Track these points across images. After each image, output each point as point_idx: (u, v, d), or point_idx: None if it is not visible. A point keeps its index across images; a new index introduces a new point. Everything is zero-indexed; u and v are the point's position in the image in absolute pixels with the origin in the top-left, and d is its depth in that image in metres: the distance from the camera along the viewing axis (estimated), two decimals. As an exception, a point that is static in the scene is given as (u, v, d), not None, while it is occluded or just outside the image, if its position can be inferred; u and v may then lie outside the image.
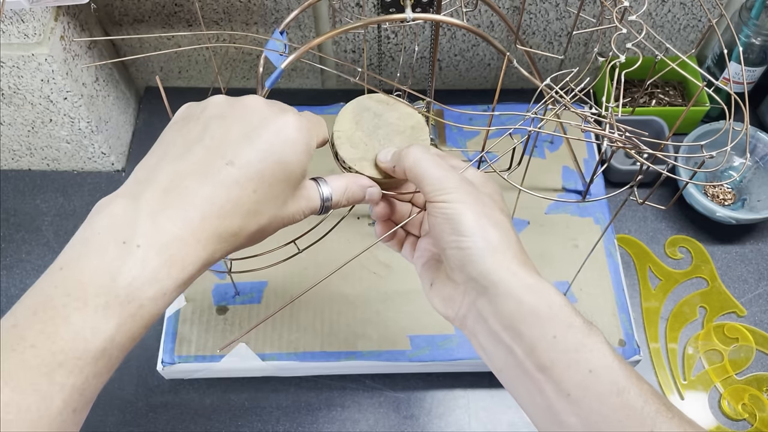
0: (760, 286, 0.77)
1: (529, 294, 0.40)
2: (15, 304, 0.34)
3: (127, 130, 0.88)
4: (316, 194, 0.44)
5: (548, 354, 0.39)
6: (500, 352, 0.41)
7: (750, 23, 0.76)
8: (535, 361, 0.39)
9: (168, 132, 0.41)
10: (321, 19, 0.82)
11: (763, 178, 0.80)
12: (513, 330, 0.40)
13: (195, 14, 0.81)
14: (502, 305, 0.41)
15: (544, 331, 0.39)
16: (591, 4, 0.79)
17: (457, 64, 0.89)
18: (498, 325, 0.41)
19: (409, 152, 0.45)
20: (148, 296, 0.34)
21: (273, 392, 0.70)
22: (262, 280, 0.70)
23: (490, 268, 0.41)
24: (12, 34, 0.66)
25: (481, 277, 0.41)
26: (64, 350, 0.32)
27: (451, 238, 0.42)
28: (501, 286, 0.41)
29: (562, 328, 0.39)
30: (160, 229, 0.35)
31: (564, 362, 0.38)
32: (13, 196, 0.84)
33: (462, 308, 0.44)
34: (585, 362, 0.38)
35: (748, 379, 0.71)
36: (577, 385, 0.38)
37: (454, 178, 0.43)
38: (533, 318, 0.40)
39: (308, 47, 0.46)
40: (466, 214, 0.42)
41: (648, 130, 0.82)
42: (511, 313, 0.40)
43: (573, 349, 0.39)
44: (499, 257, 0.41)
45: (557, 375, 0.38)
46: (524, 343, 0.40)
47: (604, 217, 0.76)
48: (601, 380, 0.38)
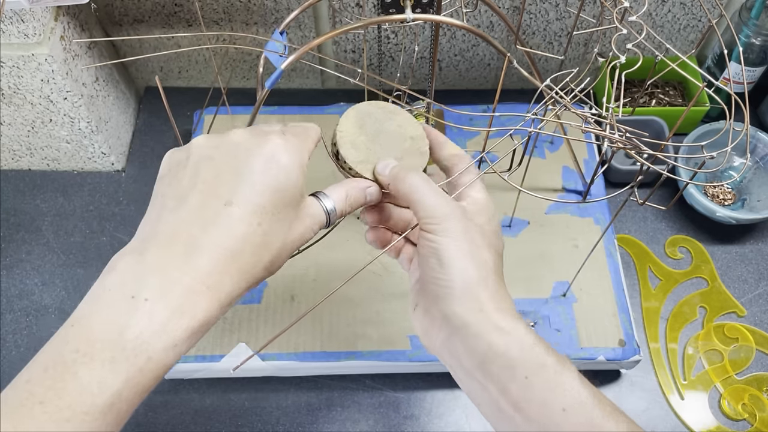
0: (760, 286, 0.77)
1: (500, 336, 0.40)
2: (31, 361, 0.34)
3: (127, 130, 0.88)
4: (320, 209, 0.44)
5: (521, 394, 0.39)
6: (475, 389, 0.42)
7: (750, 23, 0.76)
8: (509, 400, 0.40)
9: (159, 185, 0.41)
10: (321, 19, 0.82)
11: (763, 178, 0.80)
12: (484, 370, 0.41)
13: (195, 14, 0.81)
14: (473, 346, 0.41)
15: (515, 372, 0.40)
16: (591, 4, 0.79)
17: (457, 64, 0.89)
18: (470, 364, 0.41)
19: (405, 176, 0.45)
20: (156, 348, 0.34)
21: (273, 392, 0.70)
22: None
23: (462, 309, 0.42)
24: (12, 34, 0.66)
25: (453, 317, 0.42)
26: (71, 405, 0.32)
27: (433, 272, 0.43)
28: (472, 328, 0.41)
29: (533, 369, 0.40)
30: (168, 281, 0.35)
31: (537, 402, 0.39)
32: (13, 196, 0.83)
33: (437, 342, 0.44)
34: (558, 402, 0.39)
35: (748, 379, 0.71)
36: (552, 423, 0.39)
37: (446, 208, 0.43)
38: (504, 360, 0.40)
39: (308, 48, 0.46)
40: (450, 251, 0.42)
41: (648, 131, 0.82)
42: (482, 354, 0.41)
43: (546, 389, 0.39)
44: (473, 298, 0.42)
45: (532, 414, 0.39)
46: (498, 383, 0.40)
47: (604, 217, 0.76)
48: (575, 418, 0.39)
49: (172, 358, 0.35)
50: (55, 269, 0.78)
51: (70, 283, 0.77)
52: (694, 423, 0.69)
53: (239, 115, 0.80)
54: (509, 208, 0.73)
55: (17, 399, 0.32)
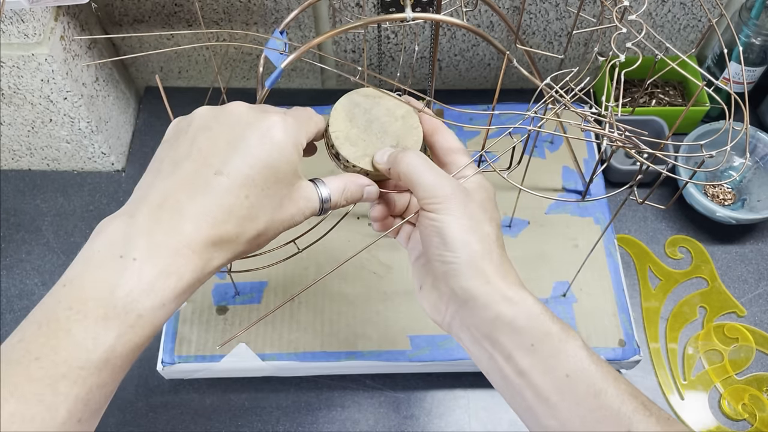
0: (760, 286, 0.77)
1: (507, 306, 0.42)
2: (22, 321, 0.35)
3: (127, 130, 0.88)
4: (315, 195, 0.45)
5: (526, 361, 0.41)
6: (484, 358, 0.43)
7: (750, 23, 0.76)
8: (514, 367, 0.41)
9: (160, 150, 0.43)
10: (321, 18, 0.82)
11: (763, 178, 0.80)
12: (492, 339, 0.42)
13: (195, 14, 0.81)
14: (481, 317, 0.42)
15: (521, 339, 0.41)
16: (591, 4, 0.79)
17: (457, 64, 0.89)
18: (479, 334, 0.43)
19: (403, 157, 0.46)
20: (145, 306, 0.35)
21: (273, 392, 0.70)
22: (262, 280, 0.70)
23: (470, 284, 0.42)
24: (12, 34, 0.66)
25: (461, 291, 0.43)
26: (66, 361, 0.33)
27: (437, 251, 0.43)
28: (480, 300, 0.42)
29: (539, 337, 0.41)
30: (155, 243, 0.36)
31: (541, 368, 0.40)
32: (13, 196, 0.84)
33: (447, 316, 0.46)
34: (562, 368, 0.40)
35: (748, 379, 0.71)
36: (555, 389, 0.40)
37: (446, 186, 0.44)
38: (510, 328, 0.41)
39: (308, 47, 0.46)
40: (452, 228, 0.43)
41: (648, 130, 0.82)
42: (490, 323, 0.42)
43: (550, 356, 0.40)
44: (479, 271, 0.42)
45: (535, 380, 0.40)
46: (503, 350, 0.42)
47: (604, 217, 0.76)
48: (578, 384, 0.40)
49: (161, 317, 0.36)
50: (55, 269, 0.78)
51: (70, 283, 0.77)
52: (694, 423, 0.69)
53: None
54: (509, 208, 0.73)
55: (13, 356, 0.33)
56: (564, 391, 0.40)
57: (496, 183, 0.49)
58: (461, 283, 0.43)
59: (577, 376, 0.40)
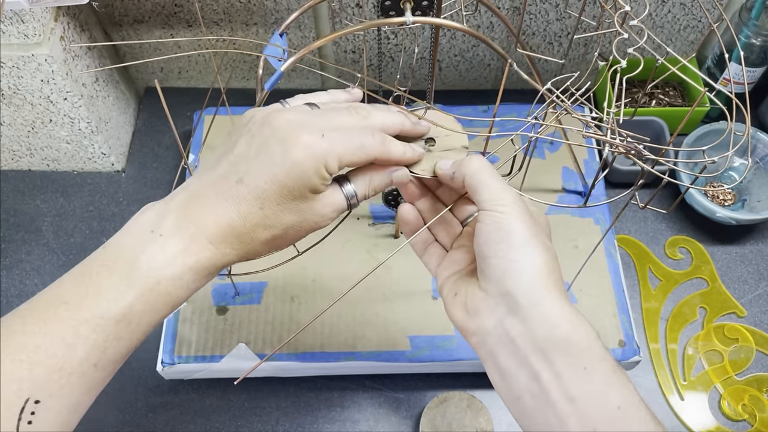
0: (760, 287, 0.77)
1: (566, 322, 0.40)
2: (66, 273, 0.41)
3: (127, 131, 0.88)
4: (340, 197, 0.45)
5: (577, 385, 0.38)
6: (522, 377, 0.40)
7: (750, 24, 0.76)
8: (563, 390, 0.38)
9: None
10: (321, 20, 0.82)
11: (763, 179, 0.80)
12: (543, 354, 0.39)
13: (195, 15, 0.81)
14: (536, 327, 0.40)
15: (575, 360, 0.38)
16: (591, 4, 0.79)
17: (457, 65, 0.89)
18: (527, 347, 0.40)
19: (471, 160, 0.45)
20: (165, 275, 0.40)
21: (273, 392, 0.70)
22: (262, 280, 0.70)
23: (531, 287, 0.41)
24: (12, 34, 0.66)
25: (519, 294, 0.41)
26: (90, 307, 0.38)
27: (499, 246, 0.42)
28: (539, 308, 0.40)
29: (594, 361, 0.39)
30: (180, 226, 0.41)
31: (593, 395, 0.38)
32: (13, 197, 0.83)
33: (487, 322, 0.42)
34: (615, 398, 0.38)
35: (748, 380, 0.71)
36: (605, 420, 0.37)
37: (512, 194, 0.43)
38: (567, 345, 0.39)
39: (308, 50, 0.46)
40: (520, 229, 0.42)
41: (648, 131, 0.83)
42: (544, 336, 0.39)
43: (602, 383, 0.38)
44: (543, 279, 0.41)
45: (584, 408, 0.37)
46: (553, 369, 0.39)
47: (604, 217, 0.76)
48: (630, 418, 0.37)
49: (179, 288, 0.41)
50: (55, 269, 0.78)
51: (70, 284, 0.77)
52: (694, 423, 0.69)
53: (239, 115, 0.80)
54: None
55: (48, 298, 0.39)
56: (615, 424, 0.37)
57: None
58: (521, 284, 0.41)
59: (628, 408, 0.37)
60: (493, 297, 0.42)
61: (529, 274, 0.41)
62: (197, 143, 0.80)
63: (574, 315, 0.40)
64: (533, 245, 0.41)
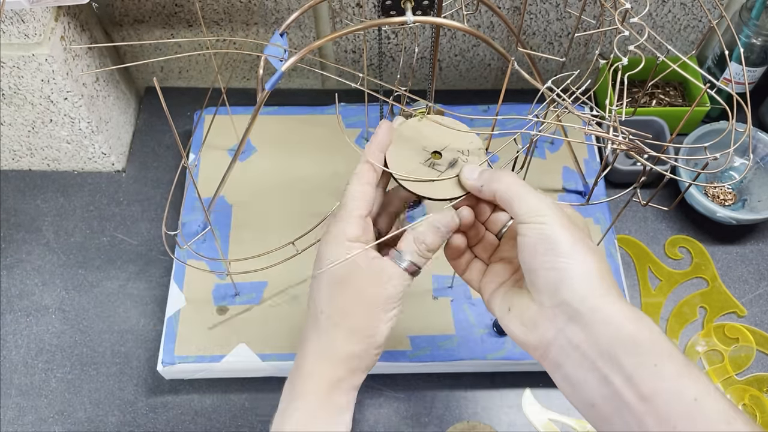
0: (760, 287, 0.77)
1: (629, 322, 0.39)
2: None
3: (127, 131, 0.88)
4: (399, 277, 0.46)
5: (650, 383, 0.37)
6: (593, 383, 0.40)
7: (750, 23, 0.76)
8: (636, 390, 0.37)
9: None
10: (321, 19, 0.82)
11: (764, 179, 0.80)
12: (610, 358, 0.39)
13: (195, 14, 0.81)
14: (599, 332, 0.39)
15: (643, 359, 0.38)
16: (591, 4, 0.79)
17: (457, 65, 0.89)
18: (593, 352, 0.39)
19: (501, 178, 0.45)
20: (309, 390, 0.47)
21: (273, 392, 0.70)
22: (262, 280, 0.70)
23: (588, 293, 0.40)
24: (12, 34, 0.66)
25: (577, 301, 0.40)
26: None
27: (546, 258, 0.41)
28: (599, 313, 0.39)
29: (662, 357, 0.38)
30: None
31: (667, 391, 0.37)
32: (13, 196, 0.83)
33: (547, 334, 0.42)
34: (689, 390, 0.37)
35: (748, 380, 0.71)
36: (683, 415, 0.36)
37: (549, 203, 0.43)
38: (633, 346, 0.38)
39: (308, 50, 0.46)
40: (564, 236, 0.41)
41: (648, 131, 0.82)
42: (609, 340, 0.39)
43: (675, 377, 0.37)
44: (597, 283, 0.40)
45: (660, 405, 0.37)
46: (623, 371, 0.38)
47: (604, 217, 0.76)
48: (708, 409, 0.36)
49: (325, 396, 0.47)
50: (55, 269, 0.78)
51: (70, 283, 0.77)
52: (694, 423, 0.69)
53: (239, 115, 0.80)
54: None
55: None
56: (694, 417, 0.36)
57: None
58: (577, 291, 0.40)
59: (705, 401, 0.36)
60: (550, 308, 0.42)
61: (582, 280, 0.40)
62: (197, 143, 0.80)
63: (634, 314, 0.40)
64: (580, 251, 0.41)
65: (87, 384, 0.71)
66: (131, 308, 0.75)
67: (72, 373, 0.71)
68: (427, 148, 0.49)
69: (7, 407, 0.69)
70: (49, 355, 0.72)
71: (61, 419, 0.69)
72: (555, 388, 0.71)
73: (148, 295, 0.76)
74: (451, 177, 0.47)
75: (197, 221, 0.75)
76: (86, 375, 0.71)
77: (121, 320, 0.74)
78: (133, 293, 0.76)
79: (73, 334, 0.73)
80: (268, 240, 0.68)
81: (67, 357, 0.72)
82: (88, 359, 0.72)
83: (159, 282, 0.76)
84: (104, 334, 0.73)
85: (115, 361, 0.72)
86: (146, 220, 0.81)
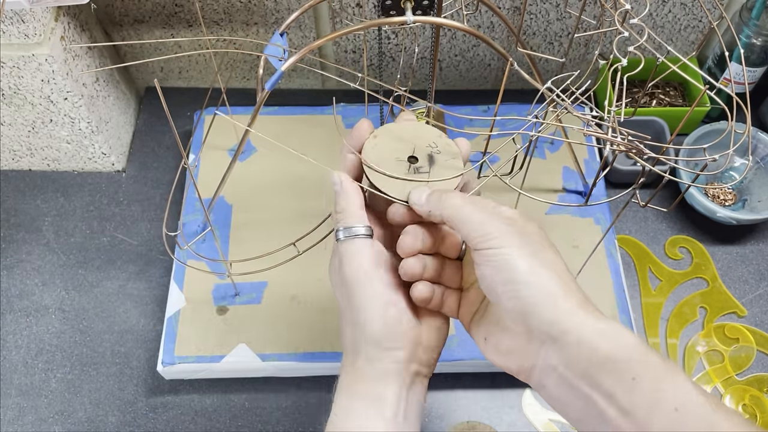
0: (760, 287, 0.77)
1: (603, 339, 0.38)
2: None
3: (127, 131, 0.88)
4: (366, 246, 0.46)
5: (629, 397, 0.37)
6: (577, 402, 0.39)
7: (750, 24, 0.76)
8: (617, 407, 0.37)
9: None
10: (321, 19, 0.82)
11: (764, 179, 0.80)
12: (589, 378, 0.38)
13: (195, 15, 0.81)
14: (574, 354, 0.39)
15: (622, 375, 0.37)
16: (591, 4, 0.79)
17: (457, 65, 0.89)
18: (571, 374, 0.39)
19: (447, 199, 0.44)
20: None
21: (273, 392, 0.70)
22: (263, 280, 0.70)
23: (555, 317, 0.39)
24: (12, 34, 0.66)
25: (546, 327, 0.39)
26: None
27: (506, 287, 0.40)
28: (571, 335, 0.39)
29: (640, 369, 0.37)
30: None
31: (646, 404, 0.37)
32: (13, 196, 0.83)
33: (526, 361, 0.42)
34: (669, 401, 0.37)
35: (748, 380, 0.71)
36: (664, 426, 0.36)
37: (497, 222, 0.42)
38: (610, 364, 0.38)
39: (308, 50, 0.46)
40: (517, 261, 0.40)
41: (648, 131, 0.82)
42: (585, 361, 0.38)
43: (654, 389, 0.37)
44: (562, 303, 0.40)
45: (641, 418, 0.37)
46: (602, 389, 0.38)
47: (604, 217, 0.76)
48: (688, 418, 0.36)
49: None
50: (55, 269, 0.78)
51: (70, 283, 0.77)
52: (694, 424, 0.69)
53: (239, 115, 0.80)
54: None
55: None
56: (675, 427, 0.36)
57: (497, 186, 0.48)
58: (544, 317, 0.39)
59: (686, 409, 0.36)
60: (522, 336, 0.41)
61: (547, 304, 0.39)
62: (197, 143, 0.80)
63: (608, 328, 0.39)
64: (537, 272, 0.40)
65: (87, 384, 0.71)
66: (131, 308, 0.75)
67: (72, 373, 0.71)
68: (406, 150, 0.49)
69: (7, 407, 0.69)
70: (49, 355, 0.72)
71: (61, 419, 0.69)
72: (555, 389, 0.71)
73: (148, 295, 0.76)
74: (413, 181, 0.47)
75: (197, 221, 0.75)
76: (86, 375, 0.71)
77: (121, 320, 0.74)
78: (133, 293, 0.76)
79: (73, 335, 0.73)
80: (267, 240, 0.68)
81: (67, 357, 0.72)
82: (88, 359, 0.72)
83: (159, 282, 0.76)
84: (104, 334, 0.73)
85: (115, 361, 0.72)
86: (146, 220, 0.81)
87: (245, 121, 0.55)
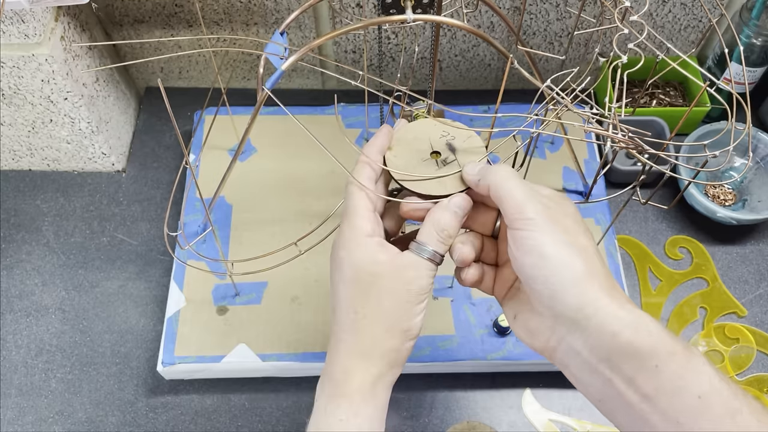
0: (760, 287, 0.77)
1: (625, 326, 0.39)
2: None
3: (127, 131, 0.88)
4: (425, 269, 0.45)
5: (652, 383, 0.38)
6: (597, 384, 0.40)
7: (751, 23, 0.76)
8: (638, 391, 0.38)
9: None
10: (321, 19, 0.82)
11: (764, 179, 0.80)
12: (610, 363, 0.39)
13: (195, 15, 0.81)
14: (596, 339, 0.39)
15: (644, 362, 0.38)
16: (592, 4, 0.79)
17: (457, 65, 0.89)
18: (593, 358, 0.40)
19: (496, 170, 0.44)
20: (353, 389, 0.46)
21: (273, 393, 0.70)
22: (263, 280, 0.70)
23: (579, 302, 0.40)
24: (12, 34, 0.66)
25: (570, 312, 0.40)
26: None
27: (534, 271, 0.41)
28: (594, 320, 0.39)
29: (663, 357, 0.38)
30: None
31: (669, 391, 0.37)
32: (13, 197, 0.83)
33: (550, 341, 0.43)
34: (692, 389, 0.37)
35: (748, 380, 0.71)
36: (687, 412, 0.37)
37: (534, 203, 0.42)
38: (632, 350, 0.38)
39: (308, 49, 0.46)
40: (548, 245, 0.41)
41: (648, 131, 0.82)
42: (607, 346, 0.39)
43: (677, 377, 0.37)
44: (587, 289, 0.40)
45: (663, 404, 0.37)
46: (624, 374, 0.38)
47: (604, 217, 0.76)
48: (712, 405, 0.36)
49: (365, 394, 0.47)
50: (55, 269, 0.78)
51: (70, 283, 0.77)
52: (694, 423, 0.69)
53: (239, 115, 0.80)
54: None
55: None
56: (697, 414, 0.36)
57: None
58: (568, 302, 0.40)
59: (709, 396, 0.36)
60: (549, 318, 0.42)
61: (574, 290, 0.40)
62: (198, 143, 0.80)
63: (631, 316, 0.39)
64: (566, 256, 0.40)
65: (87, 384, 0.71)
66: (131, 308, 0.75)
67: (72, 374, 0.71)
68: (426, 148, 0.49)
69: (7, 407, 0.69)
70: (49, 355, 0.72)
71: (61, 419, 0.69)
72: (555, 388, 0.71)
73: (148, 295, 0.76)
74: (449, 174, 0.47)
75: (197, 221, 0.75)
76: (86, 375, 0.71)
77: (121, 320, 0.74)
78: (133, 293, 0.76)
79: (73, 335, 0.73)
80: (268, 240, 0.68)
81: (67, 357, 0.72)
82: (88, 359, 0.72)
83: (159, 282, 0.76)
84: (104, 335, 0.73)
85: (115, 361, 0.72)
86: (146, 221, 0.81)
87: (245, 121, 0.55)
